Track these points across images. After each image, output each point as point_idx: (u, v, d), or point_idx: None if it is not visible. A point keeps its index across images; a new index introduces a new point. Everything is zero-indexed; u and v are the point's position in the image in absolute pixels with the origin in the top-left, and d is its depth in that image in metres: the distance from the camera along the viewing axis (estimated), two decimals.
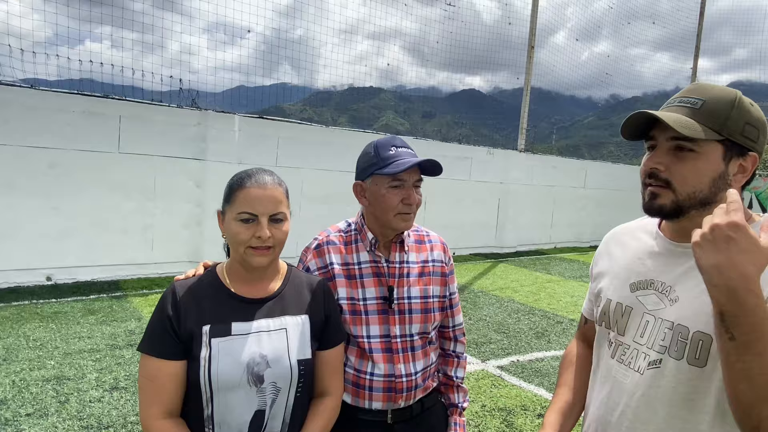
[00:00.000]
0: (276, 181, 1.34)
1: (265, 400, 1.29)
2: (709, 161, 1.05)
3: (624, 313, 1.21)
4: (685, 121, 1.04)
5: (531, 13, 11.47)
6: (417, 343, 1.57)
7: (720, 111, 1.04)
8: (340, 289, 1.53)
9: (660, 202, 1.09)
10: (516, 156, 11.39)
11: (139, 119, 6.77)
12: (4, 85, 5.95)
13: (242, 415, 1.27)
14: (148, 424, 1.24)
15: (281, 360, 1.30)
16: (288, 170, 7.92)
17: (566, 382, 1.42)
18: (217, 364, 1.25)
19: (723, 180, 1.06)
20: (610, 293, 1.26)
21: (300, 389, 1.33)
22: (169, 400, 1.25)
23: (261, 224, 1.28)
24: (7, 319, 4.93)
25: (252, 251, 1.29)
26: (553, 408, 1.35)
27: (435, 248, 1.68)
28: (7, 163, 5.87)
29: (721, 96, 1.06)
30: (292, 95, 16.46)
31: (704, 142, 1.04)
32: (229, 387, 1.25)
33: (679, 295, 1.11)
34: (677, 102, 1.10)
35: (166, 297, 1.31)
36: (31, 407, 3.34)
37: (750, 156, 1.07)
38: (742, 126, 1.05)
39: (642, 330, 1.16)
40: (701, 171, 1.05)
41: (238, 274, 1.36)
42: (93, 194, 6.47)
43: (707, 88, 1.09)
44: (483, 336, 5.45)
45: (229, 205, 1.31)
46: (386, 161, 1.50)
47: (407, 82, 18.78)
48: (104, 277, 6.61)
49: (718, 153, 1.05)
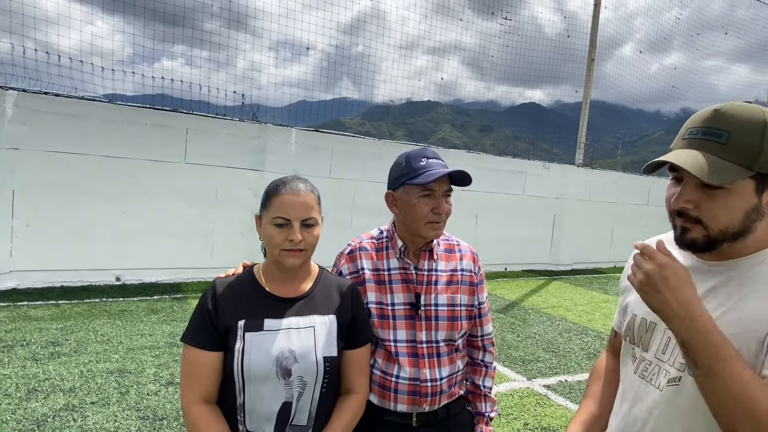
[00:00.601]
0: (308, 189, 1.43)
1: (292, 392, 1.37)
2: (741, 197, 0.99)
3: (648, 329, 1.20)
4: (710, 166, 0.98)
5: (591, 26, 11.21)
6: (443, 349, 1.60)
7: (749, 144, 0.97)
8: (370, 293, 1.60)
9: (692, 236, 1.05)
10: (573, 171, 11.09)
11: (204, 132, 7.20)
12: (85, 99, 6.51)
13: (271, 405, 1.36)
14: (186, 407, 1.36)
15: (308, 356, 1.38)
16: (341, 182, 8.13)
17: (592, 394, 1.41)
18: (249, 356, 1.35)
19: (756, 212, 1.01)
20: (636, 308, 1.25)
21: (325, 385, 1.41)
22: (206, 387, 1.36)
23: (293, 228, 1.37)
24: (80, 315, 5.35)
25: (285, 253, 1.39)
26: (576, 419, 1.35)
27: (465, 258, 1.71)
28: (86, 170, 6.40)
29: (749, 124, 0.98)
30: (351, 109, 16.75)
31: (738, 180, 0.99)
32: (260, 378, 1.35)
33: None
34: (700, 134, 1.03)
35: (207, 293, 1.43)
36: (96, 396, 3.61)
37: None
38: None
39: (664, 346, 1.14)
40: (733, 207, 1.00)
41: (273, 274, 1.46)
42: (160, 201, 6.91)
43: (731, 115, 1.00)
44: (531, 354, 5.33)
45: (265, 210, 1.42)
46: (417, 172, 1.55)
47: (465, 95, 18.79)
48: (167, 279, 7.03)
49: (751, 188, 0.99)
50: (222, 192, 7.32)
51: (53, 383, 3.74)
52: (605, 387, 1.41)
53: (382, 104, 51.04)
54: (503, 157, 10.56)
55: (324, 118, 13.01)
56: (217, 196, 7.30)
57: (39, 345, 4.43)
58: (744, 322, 1.00)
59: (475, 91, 25.04)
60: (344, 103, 13.88)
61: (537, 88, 20.34)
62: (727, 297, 1.06)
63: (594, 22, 11.19)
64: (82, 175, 6.38)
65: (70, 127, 6.28)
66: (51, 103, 6.19)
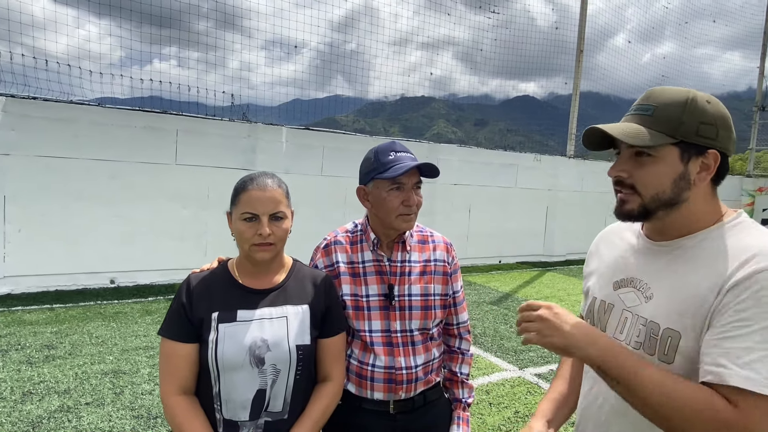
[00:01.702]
0: (276, 183, 1.48)
1: (266, 380, 1.42)
2: (668, 164, 1.09)
3: (606, 311, 1.24)
4: (635, 131, 1.09)
5: (579, 17, 11.24)
6: (417, 338, 1.64)
7: (671, 115, 1.08)
8: (345, 285, 1.64)
9: (628, 207, 1.14)
10: (565, 162, 11.14)
11: (194, 133, 7.22)
12: (74, 103, 6.53)
13: (245, 393, 1.40)
14: (165, 398, 1.41)
15: (281, 344, 1.43)
16: (333, 179, 8.17)
17: (562, 374, 1.45)
18: (223, 346, 1.39)
19: (684, 180, 1.09)
20: (596, 291, 1.30)
21: (299, 372, 1.45)
22: (183, 378, 1.41)
23: (262, 223, 1.42)
24: (75, 318, 5.38)
25: (255, 248, 1.43)
26: (546, 397, 1.39)
27: (438, 248, 1.75)
28: (77, 174, 6.42)
29: (672, 100, 1.09)
30: (344, 107, 16.83)
31: (660, 147, 1.08)
32: (234, 367, 1.39)
33: (654, 293, 1.13)
34: (633, 110, 1.14)
35: (182, 288, 1.47)
36: (90, 397, 3.65)
37: (710, 153, 1.08)
38: (697, 126, 1.07)
39: (621, 327, 1.19)
40: (661, 174, 1.09)
41: (246, 267, 1.50)
42: (152, 203, 6.94)
43: (659, 94, 1.11)
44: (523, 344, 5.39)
45: (234, 206, 1.47)
46: (386, 166, 1.59)
47: (459, 90, 18.80)
48: (162, 280, 7.06)
49: (676, 155, 1.08)
50: (214, 192, 7.35)
51: (48, 385, 3.78)
52: (574, 368, 1.45)
53: (376, 101, 50.98)
54: (495, 151, 10.61)
55: (318, 117, 13.03)
56: (209, 197, 7.33)
57: (34, 348, 4.46)
58: (690, 298, 1.05)
59: (469, 86, 25.10)
60: (338, 100, 13.88)
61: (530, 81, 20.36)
62: (674, 275, 1.11)
63: (582, 13, 11.23)
64: (73, 179, 6.40)
65: (60, 132, 6.29)
66: (40, 108, 6.20)
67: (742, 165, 20.29)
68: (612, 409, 1.17)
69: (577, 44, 11.41)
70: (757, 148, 14.90)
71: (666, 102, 1.09)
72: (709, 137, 1.08)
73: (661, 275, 1.14)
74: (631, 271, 1.22)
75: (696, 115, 1.07)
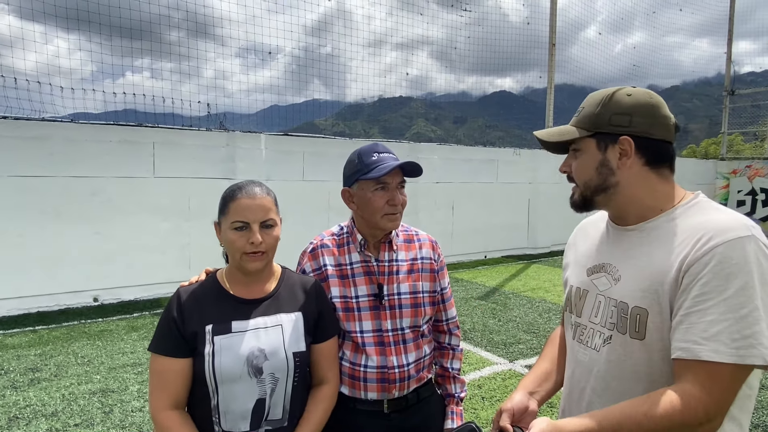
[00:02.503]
0: (264, 191, 1.47)
1: (265, 389, 1.41)
2: (588, 154, 1.23)
3: (582, 296, 1.29)
4: (562, 131, 1.26)
5: (550, 11, 11.39)
6: (408, 336, 1.65)
7: (589, 112, 1.22)
8: (334, 288, 1.64)
9: (573, 198, 1.30)
10: (544, 155, 11.26)
11: (171, 144, 7.13)
12: (47, 121, 6.40)
13: (245, 403, 1.40)
14: (155, 414, 1.39)
15: (278, 353, 1.42)
16: (315, 184, 8.14)
17: (545, 355, 1.49)
18: (220, 358, 1.38)
19: (606, 167, 1.21)
20: (573, 280, 1.35)
21: (296, 379, 1.45)
22: (175, 393, 1.39)
23: (253, 231, 1.41)
24: (58, 339, 5.27)
25: (247, 257, 1.42)
26: (529, 374, 1.42)
27: (424, 246, 1.76)
28: (54, 192, 6.29)
29: (594, 99, 1.23)
30: (323, 110, 16.71)
31: (582, 140, 1.23)
32: (232, 378, 1.38)
33: (622, 274, 1.19)
34: (575, 113, 1.29)
35: (172, 302, 1.45)
36: (79, 418, 3.59)
37: (623, 139, 1.18)
38: (609, 118, 1.19)
39: (595, 310, 1.24)
40: (585, 164, 1.23)
41: (236, 277, 1.49)
42: (132, 218, 6.83)
43: (590, 96, 1.26)
44: (512, 337, 5.44)
45: (223, 216, 1.45)
46: (369, 167, 1.60)
47: (437, 89, 18.90)
48: (146, 295, 6.95)
49: (593, 145, 1.22)
50: (194, 203, 7.27)
51: (35, 409, 3.70)
52: (559, 348, 1.49)
53: (355, 103, 51.03)
54: (475, 147, 10.69)
55: (297, 122, 12.99)
56: (190, 208, 7.24)
57: (18, 372, 4.36)
58: (653, 276, 1.11)
59: (447, 84, 25.23)
60: (316, 104, 13.84)
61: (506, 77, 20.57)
62: (638, 255, 1.17)
63: (552, 7, 11.37)
64: (50, 198, 6.27)
65: (33, 150, 6.16)
66: (11, 127, 6.07)
67: (715, 149, 20.75)
68: (593, 391, 1.21)
69: (549, 38, 11.56)
70: (729, 131, 15.24)
71: (590, 102, 1.24)
72: (621, 125, 1.18)
73: (626, 257, 1.20)
74: (602, 257, 1.28)
75: (610, 107, 1.19)
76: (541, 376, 1.39)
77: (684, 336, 1.01)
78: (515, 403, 1.24)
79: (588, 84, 18.80)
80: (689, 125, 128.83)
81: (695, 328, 1.00)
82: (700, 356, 0.98)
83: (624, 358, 1.13)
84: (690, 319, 1.01)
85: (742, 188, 13.91)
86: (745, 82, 28.51)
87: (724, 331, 0.97)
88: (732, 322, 0.97)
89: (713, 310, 0.99)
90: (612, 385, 1.15)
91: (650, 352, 1.09)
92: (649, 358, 1.09)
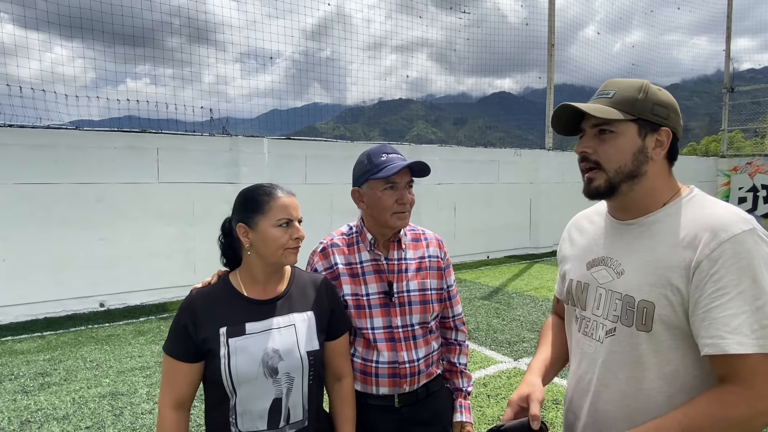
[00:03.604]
0: (291, 191, 1.55)
1: (281, 389, 1.45)
2: (627, 138, 1.20)
3: (583, 290, 1.33)
4: (601, 108, 1.21)
5: (549, 11, 11.44)
6: (418, 332, 1.70)
7: (630, 96, 1.21)
8: (345, 286, 1.68)
9: (595, 184, 1.24)
10: (545, 155, 11.31)
11: (175, 150, 7.19)
12: (51, 128, 6.46)
13: (262, 403, 1.43)
14: (160, 408, 1.46)
15: (292, 352, 1.46)
16: (317, 187, 8.19)
17: (546, 341, 1.52)
18: (236, 360, 1.41)
19: (643, 153, 1.20)
20: (572, 273, 1.38)
21: (311, 377, 1.49)
22: (181, 393, 1.45)
23: (296, 227, 1.49)
24: (66, 344, 5.32)
25: (290, 252, 1.48)
26: (535, 359, 1.46)
27: (431, 245, 1.81)
28: (59, 199, 6.35)
29: (629, 85, 1.22)
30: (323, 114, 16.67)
31: (620, 123, 1.19)
32: (248, 380, 1.42)
33: (625, 268, 1.22)
34: (596, 96, 1.27)
35: (184, 307, 1.48)
36: (90, 421, 3.63)
37: (663, 130, 1.21)
38: (651, 106, 1.20)
39: (598, 303, 1.27)
40: (622, 148, 1.20)
41: (251, 278, 1.53)
42: (137, 223, 6.88)
43: (618, 82, 1.25)
44: (516, 335, 5.47)
45: (262, 215, 1.46)
46: (379, 167, 1.64)
47: (436, 90, 18.91)
48: (152, 300, 7.00)
49: (634, 130, 1.20)
50: (199, 208, 7.32)
51: (46, 413, 3.74)
52: (555, 334, 1.52)
53: (355, 106, 51.06)
54: (476, 148, 10.73)
55: (297, 126, 13.02)
56: (194, 213, 7.29)
57: (28, 377, 4.41)
58: (659, 270, 1.14)
59: (446, 86, 25.33)
60: (316, 108, 13.88)
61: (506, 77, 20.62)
62: (642, 249, 1.20)
63: (551, 7, 11.43)
64: (55, 205, 6.33)
65: (38, 158, 6.22)
66: (16, 135, 6.13)
67: (716, 146, 20.74)
68: (599, 381, 1.24)
69: (548, 38, 11.61)
70: (729, 128, 15.27)
71: (624, 87, 1.23)
72: (662, 116, 1.21)
73: (629, 251, 1.23)
74: (601, 251, 1.31)
75: (650, 96, 1.20)
76: (547, 360, 1.43)
77: (708, 332, 1.05)
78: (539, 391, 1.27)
79: (587, 83, 18.82)
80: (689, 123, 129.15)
81: (717, 323, 1.04)
82: (727, 350, 1.02)
83: (629, 349, 1.17)
84: (711, 315, 1.05)
85: (744, 185, 13.94)
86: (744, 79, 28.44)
87: (744, 323, 1.02)
88: (749, 314, 1.02)
89: (731, 304, 1.03)
90: (619, 376, 1.19)
91: (657, 343, 1.13)
92: (656, 348, 1.13)
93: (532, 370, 1.38)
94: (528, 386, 1.29)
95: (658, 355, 1.13)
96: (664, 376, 1.13)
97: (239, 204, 1.51)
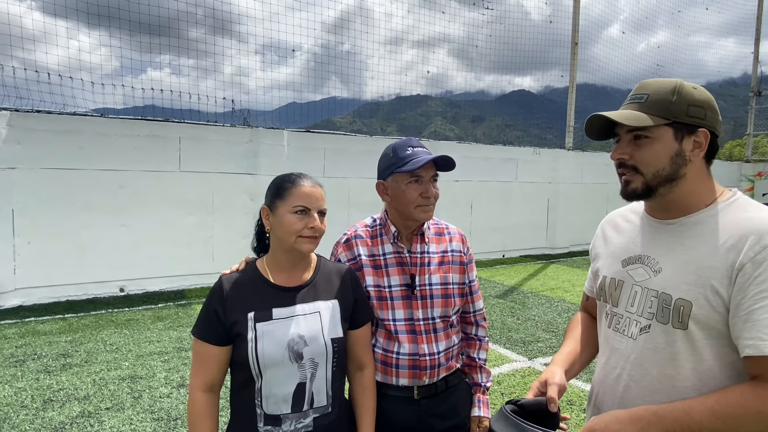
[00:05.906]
0: (319, 183, 1.58)
1: (305, 373, 1.48)
2: (664, 143, 1.20)
3: (617, 287, 1.33)
4: (633, 115, 1.20)
5: (573, 9, 11.30)
6: (439, 325, 1.71)
7: (663, 99, 1.20)
8: (368, 277, 1.70)
9: (633, 186, 1.24)
10: (564, 155, 11.21)
11: (196, 139, 7.28)
12: (78, 115, 6.59)
13: (286, 387, 1.47)
14: (191, 391, 1.50)
15: (317, 339, 1.49)
16: (335, 180, 8.23)
17: (573, 336, 1.53)
18: (263, 344, 1.45)
19: (680, 156, 1.20)
20: (605, 270, 1.38)
21: (335, 364, 1.52)
22: (211, 376, 1.49)
23: (313, 216, 1.50)
24: (87, 327, 5.44)
25: (303, 239, 1.49)
26: (561, 351, 1.47)
27: (454, 239, 1.82)
28: (83, 185, 6.48)
29: (662, 87, 1.21)
30: (341, 108, 16.76)
31: (656, 128, 1.19)
32: (274, 363, 1.45)
33: (663, 267, 1.22)
34: (628, 100, 1.26)
35: (214, 291, 1.53)
36: (110, 402, 3.72)
37: (700, 131, 1.19)
38: (686, 108, 1.18)
39: (632, 300, 1.27)
40: (659, 153, 1.20)
41: (278, 265, 1.56)
42: (158, 211, 7.00)
43: (650, 83, 1.24)
44: (531, 335, 5.46)
45: (281, 200, 1.51)
46: (404, 160, 1.66)
47: (455, 87, 18.79)
48: (171, 287, 7.12)
49: (670, 134, 1.20)
50: (218, 198, 7.41)
51: (68, 393, 3.84)
52: (584, 329, 1.54)
53: (372, 101, 50.97)
54: (494, 146, 10.67)
55: (315, 119, 13.08)
56: (213, 203, 7.39)
57: (50, 358, 4.52)
58: (699, 270, 1.14)
59: (465, 82, 25.13)
60: (334, 102, 13.92)
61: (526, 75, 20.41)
62: (681, 249, 1.20)
63: (576, 5, 11.29)
64: (79, 190, 6.46)
65: (64, 144, 6.36)
66: (44, 121, 6.26)
67: (740, 151, 20.34)
68: (630, 377, 1.25)
69: (572, 36, 11.48)
70: (754, 133, 14.97)
71: (657, 89, 1.21)
72: (699, 117, 1.19)
73: (668, 250, 1.23)
74: (638, 249, 1.31)
75: (685, 98, 1.19)
76: (572, 353, 1.44)
77: (750, 333, 1.06)
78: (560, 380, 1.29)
79: (609, 84, 18.58)
80: None
81: (759, 325, 1.05)
82: (765, 351, 1.03)
83: (664, 346, 1.18)
84: (753, 317, 1.06)
85: (767, 191, 13.66)
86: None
87: None
88: None
89: None
90: (651, 372, 1.20)
91: (692, 341, 1.14)
92: (691, 346, 1.14)
93: (556, 362, 1.39)
94: (549, 373, 1.33)
95: (694, 353, 1.14)
96: (698, 374, 1.13)
97: (269, 189, 1.57)
